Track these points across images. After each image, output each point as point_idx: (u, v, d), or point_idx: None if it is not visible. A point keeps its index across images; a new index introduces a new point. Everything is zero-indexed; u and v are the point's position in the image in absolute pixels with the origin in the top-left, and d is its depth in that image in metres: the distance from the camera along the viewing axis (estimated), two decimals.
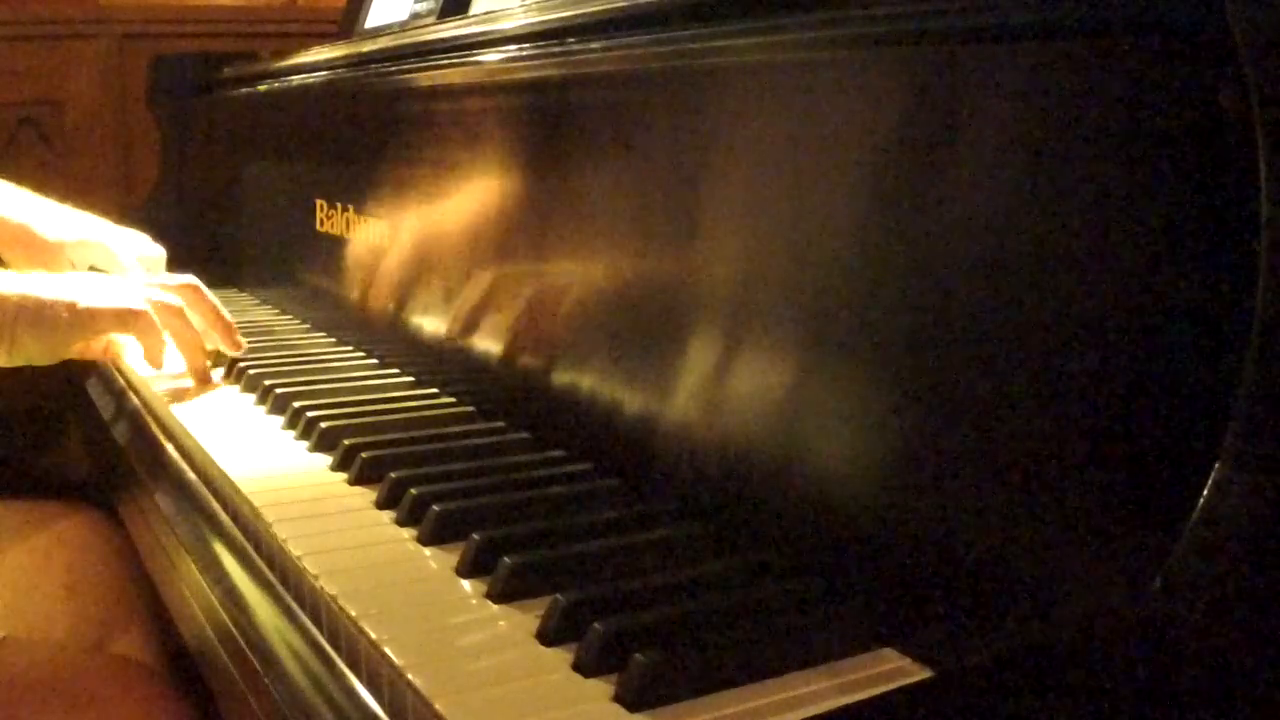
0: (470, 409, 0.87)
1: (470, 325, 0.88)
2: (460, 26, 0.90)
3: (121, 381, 1.07)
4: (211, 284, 1.03)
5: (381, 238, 1.03)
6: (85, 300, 0.91)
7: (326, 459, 0.77)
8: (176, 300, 0.97)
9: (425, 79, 0.95)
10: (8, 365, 0.88)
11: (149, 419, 0.96)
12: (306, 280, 1.24)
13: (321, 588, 0.56)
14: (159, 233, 1.29)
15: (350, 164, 1.12)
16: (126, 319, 0.93)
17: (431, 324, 0.94)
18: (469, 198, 0.89)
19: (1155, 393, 0.42)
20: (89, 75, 1.86)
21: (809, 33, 0.57)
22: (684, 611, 0.50)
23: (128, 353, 0.99)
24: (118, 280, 1.01)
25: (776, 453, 0.58)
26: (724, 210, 0.63)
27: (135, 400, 1.02)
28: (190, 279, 1.02)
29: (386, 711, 0.49)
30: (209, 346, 1.01)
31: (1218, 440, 0.38)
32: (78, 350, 0.92)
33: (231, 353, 1.02)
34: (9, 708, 0.80)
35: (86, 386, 1.15)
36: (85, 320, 0.90)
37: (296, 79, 1.25)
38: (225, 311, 1.02)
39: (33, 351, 0.89)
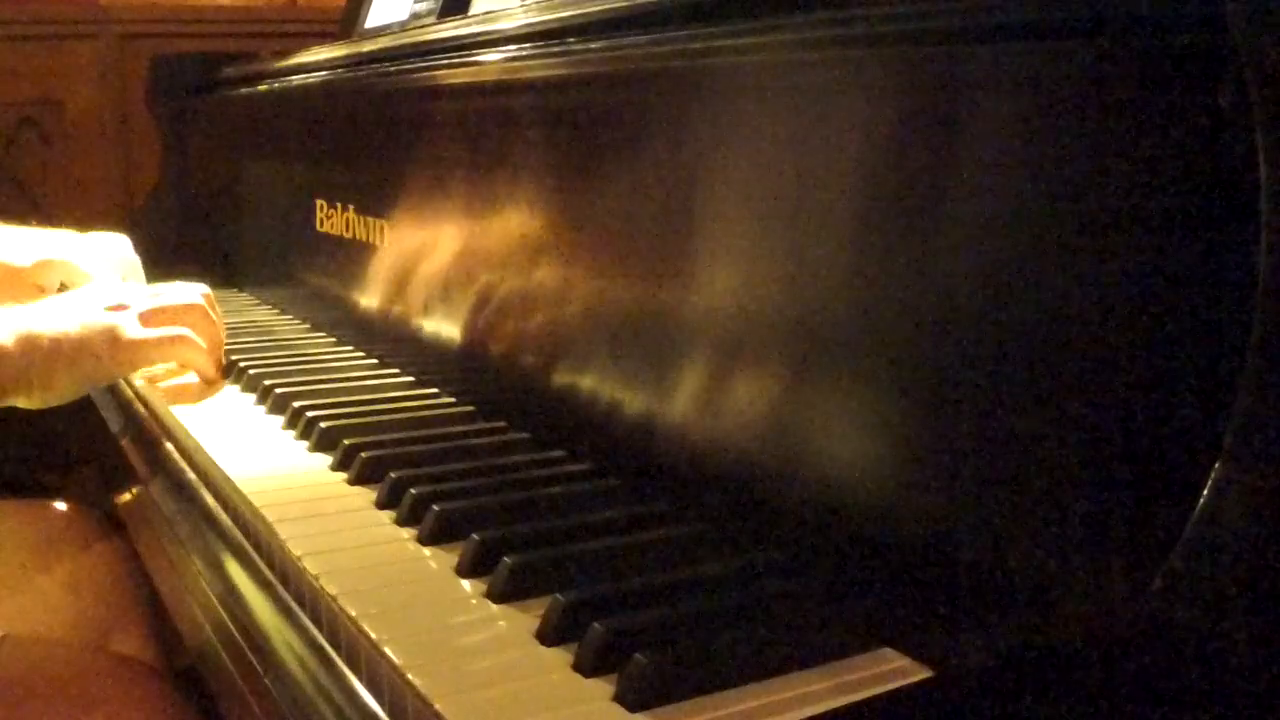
0: (470, 409, 0.87)
1: (470, 325, 0.88)
2: (460, 26, 0.90)
3: (123, 382, 1.07)
4: (211, 284, 1.03)
5: (381, 238, 1.03)
6: (128, 331, 0.87)
7: (326, 459, 0.77)
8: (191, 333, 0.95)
9: (425, 79, 0.95)
10: (41, 406, 0.86)
11: (149, 419, 0.96)
12: (306, 280, 1.24)
13: (321, 587, 0.56)
14: (159, 233, 1.29)
15: (350, 164, 1.12)
16: (170, 346, 0.90)
17: (431, 324, 0.94)
18: (468, 198, 0.89)
19: (1155, 393, 0.42)
20: (89, 75, 1.86)
21: (809, 33, 0.57)
22: (684, 611, 0.50)
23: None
24: (138, 299, 0.95)
25: (776, 453, 0.58)
26: (724, 210, 0.63)
27: (136, 401, 1.02)
28: (201, 290, 1.00)
29: (386, 711, 0.49)
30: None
31: (1218, 440, 0.38)
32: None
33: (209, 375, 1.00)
34: (9, 707, 0.80)
35: None
36: (127, 353, 0.87)
37: (296, 79, 1.25)
38: (222, 333, 1.01)
39: (67, 390, 0.85)
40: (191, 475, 0.81)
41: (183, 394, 0.95)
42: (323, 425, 0.80)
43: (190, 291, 0.98)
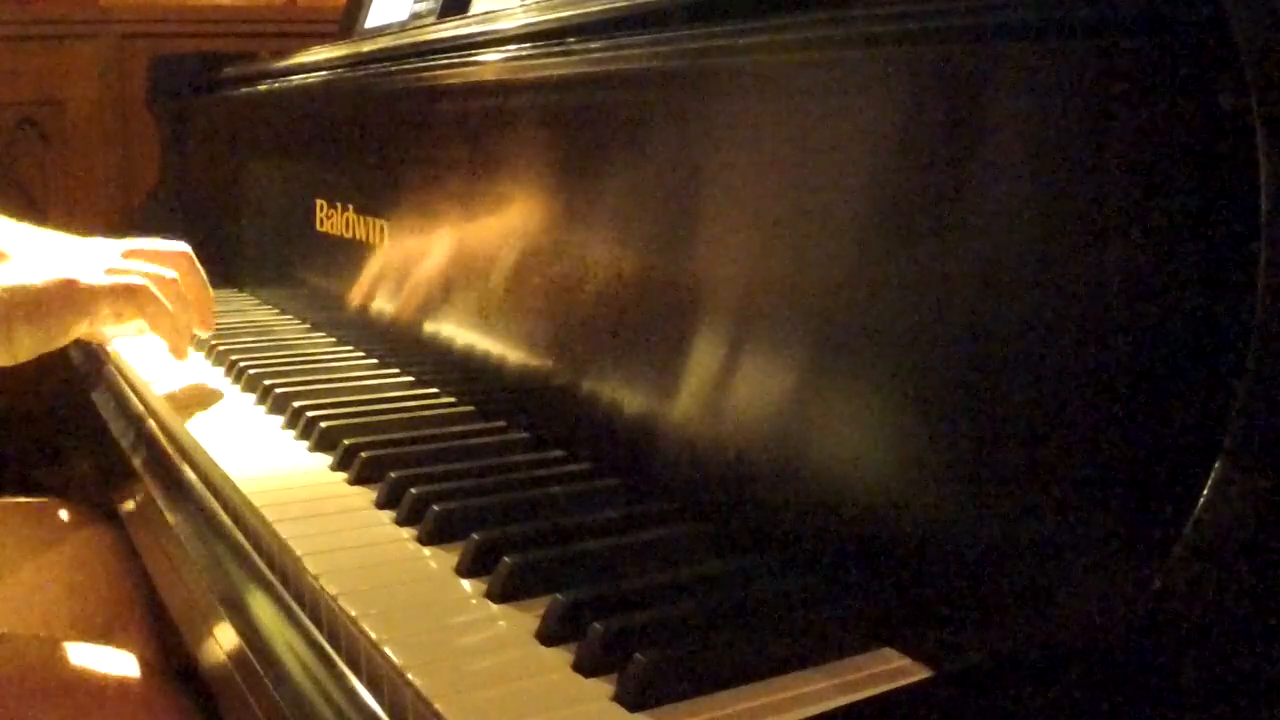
0: (470, 409, 0.87)
1: (471, 325, 0.88)
2: (460, 26, 0.90)
3: (122, 382, 1.07)
4: (211, 284, 1.03)
5: (381, 238, 1.03)
6: (85, 279, 0.85)
7: (326, 459, 0.77)
8: (171, 273, 0.94)
9: (425, 79, 0.95)
10: (7, 363, 0.86)
11: (149, 419, 0.96)
12: (306, 280, 1.24)
13: (321, 587, 0.56)
14: (159, 233, 1.29)
15: (350, 164, 1.12)
16: (126, 295, 0.88)
17: (431, 324, 0.94)
18: (468, 198, 0.89)
19: (1155, 393, 0.42)
20: (89, 75, 1.86)
21: (810, 33, 0.57)
22: (684, 611, 0.50)
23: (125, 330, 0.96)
24: (110, 248, 0.95)
25: (777, 452, 0.58)
26: (724, 211, 0.63)
27: (135, 400, 1.02)
28: (183, 247, 1.00)
29: (386, 711, 0.49)
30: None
31: (1218, 440, 0.38)
32: (78, 333, 0.89)
33: (202, 333, 1.00)
34: (9, 706, 0.80)
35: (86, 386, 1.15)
36: (85, 302, 0.86)
37: (296, 79, 1.25)
38: (209, 289, 1.01)
39: (31, 344, 0.85)
40: (191, 475, 0.81)
41: (186, 402, 0.94)
42: (323, 425, 0.80)
43: (170, 240, 0.97)
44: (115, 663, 0.93)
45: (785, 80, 0.59)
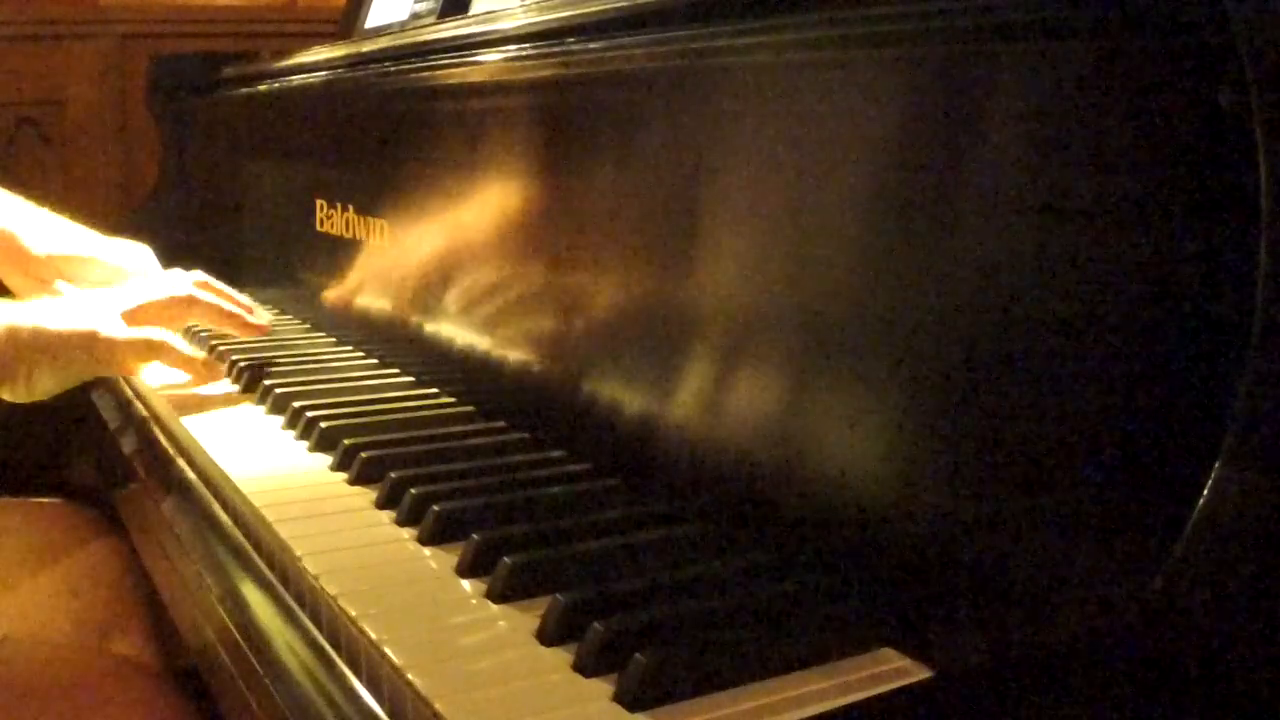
0: (470, 409, 0.87)
1: (470, 325, 0.88)
2: (460, 26, 0.90)
3: (122, 381, 1.07)
4: None
5: (381, 237, 1.03)
6: (105, 331, 0.88)
7: (326, 459, 0.77)
8: (193, 292, 0.96)
9: (425, 79, 0.95)
10: (25, 400, 0.86)
11: (150, 419, 0.96)
12: (306, 280, 1.24)
13: (321, 588, 0.56)
14: (159, 233, 1.29)
15: (350, 164, 1.12)
16: (146, 349, 0.91)
17: (431, 324, 0.94)
18: (468, 198, 0.89)
19: (1155, 392, 0.42)
20: (89, 75, 1.86)
21: (809, 33, 0.57)
22: (684, 611, 0.50)
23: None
24: (123, 297, 0.97)
25: (777, 453, 0.58)
26: (724, 211, 0.63)
27: (136, 401, 1.02)
28: (197, 277, 1.01)
29: (386, 711, 0.49)
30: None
31: (1218, 440, 0.38)
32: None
33: (255, 337, 1.01)
34: (9, 708, 0.80)
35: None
36: (105, 353, 0.88)
37: (296, 79, 1.25)
38: (237, 296, 1.02)
39: (50, 386, 0.86)
40: (192, 475, 0.81)
41: (186, 403, 0.95)
42: (323, 425, 0.80)
43: (177, 283, 0.98)
44: (115, 664, 0.93)
45: (785, 80, 0.59)
